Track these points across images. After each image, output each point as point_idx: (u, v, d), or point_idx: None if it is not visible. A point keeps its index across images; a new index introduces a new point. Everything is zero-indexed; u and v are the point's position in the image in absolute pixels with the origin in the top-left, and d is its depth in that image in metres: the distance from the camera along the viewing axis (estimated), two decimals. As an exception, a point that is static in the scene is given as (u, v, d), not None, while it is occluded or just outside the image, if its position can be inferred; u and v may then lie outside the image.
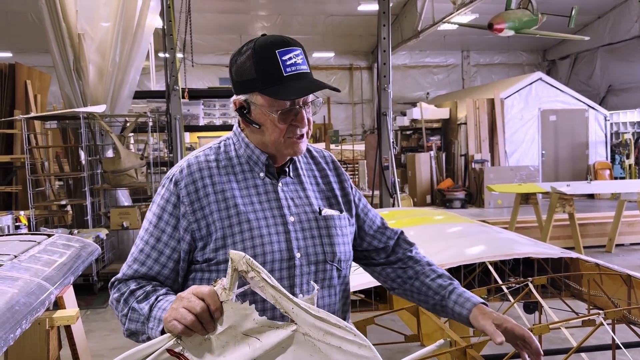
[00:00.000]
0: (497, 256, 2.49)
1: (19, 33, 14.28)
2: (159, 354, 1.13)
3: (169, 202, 1.40)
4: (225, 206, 1.38)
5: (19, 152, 7.46)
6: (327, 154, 1.60)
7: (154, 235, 1.39)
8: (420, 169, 13.02)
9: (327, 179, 1.53)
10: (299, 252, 1.38)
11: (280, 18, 16.13)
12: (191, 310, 1.11)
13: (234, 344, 1.14)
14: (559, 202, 6.60)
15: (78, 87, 6.81)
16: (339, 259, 1.44)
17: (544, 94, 13.29)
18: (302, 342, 1.13)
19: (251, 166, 1.44)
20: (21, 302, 2.34)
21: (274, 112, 1.36)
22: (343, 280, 1.47)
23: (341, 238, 1.46)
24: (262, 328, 1.13)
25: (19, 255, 3.03)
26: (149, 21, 7.20)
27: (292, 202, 1.43)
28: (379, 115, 7.32)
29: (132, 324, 1.32)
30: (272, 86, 1.34)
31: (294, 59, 1.35)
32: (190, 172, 1.41)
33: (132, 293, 1.35)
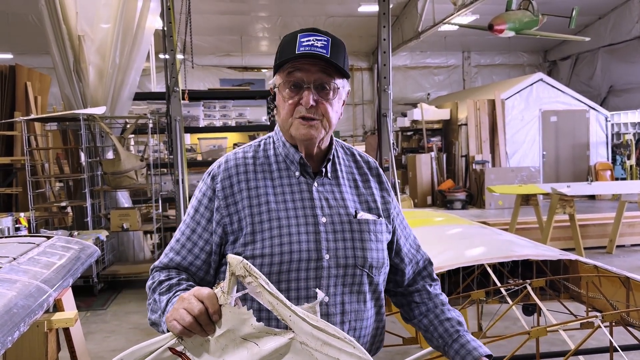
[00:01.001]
0: (495, 258, 2.48)
1: (20, 34, 14.30)
2: (161, 351, 1.16)
3: (205, 196, 1.44)
4: (258, 202, 1.39)
5: (19, 153, 7.46)
6: (371, 160, 1.58)
7: (190, 226, 1.44)
8: (421, 170, 13.01)
9: (368, 184, 1.51)
10: (328, 254, 1.37)
11: (281, 19, 16.14)
12: (190, 312, 1.13)
13: (233, 347, 1.15)
14: (559, 203, 6.59)
15: (78, 88, 6.82)
16: (370, 265, 1.41)
17: (544, 95, 13.28)
18: (299, 350, 1.12)
19: (287, 165, 1.45)
20: (19, 305, 2.34)
21: (283, 88, 1.39)
22: (375, 288, 1.44)
23: (375, 244, 1.43)
24: (260, 334, 1.14)
25: (17, 257, 3.02)
26: (149, 23, 7.20)
27: (325, 202, 1.42)
28: (379, 117, 7.30)
29: (153, 315, 1.36)
30: (284, 64, 1.38)
31: (312, 41, 1.36)
32: (227, 167, 1.44)
33: (160, 284, 1.38)
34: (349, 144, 1.62)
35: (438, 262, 2.49)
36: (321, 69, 1.37)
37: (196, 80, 16.55)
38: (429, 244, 3.02)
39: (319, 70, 1.37)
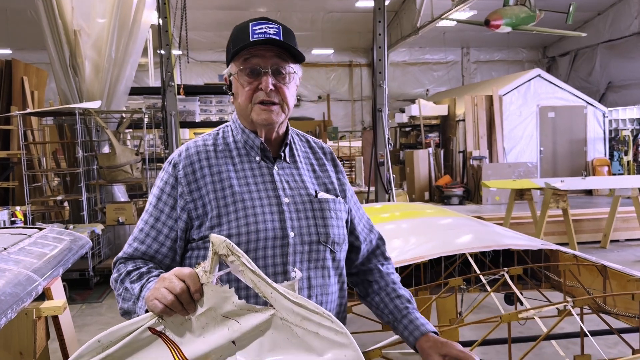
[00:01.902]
0: (476, 248, 2.52)
1: (18, 30, 14.33)
2: (141, 331, 1.18)
3: (167, 184, 1.47)
4: (221, 187, 1.43)
5: (16, 148, 7.50)
6: (326, 147, 1.65)
7: (153, 215, 1.46)
8: (419, 165, 13.04)
9: (324, 167, 1.58)
10: (293, 232, 1.42)
11: (280, 15, 16.14)
12: (171, 291, 1.15)
13: (213, 326, 1.17)
14: (552, 197, 6.62)
15: (74, 83, 6.85)
16: (332, 241, 1.48)
17: (542, 91, 13.29)
18: (280, 326, 1.15)
19: (247, 150, 1.50)
20: (7, 292, 2.37)
21: (241, 74, 1.42)
22: (338, 264, 1.51)
23: (335, 221, 1.50)
24: (242, 311, 1.17)
25: (8, 247, 3.06)
26: (145, 17, 7.22)
27: (287, 184, 1.48)
28: (375, 112, 7.33)
29: (125, 303, 1.38)
30: (239, 51, 1.41)
31: (265, 29, 1.41)
32: (188, 155, 1.48)
33: (128, 274, 1.40)
34: (303, 132, 1.67)
35: (421, 252, 2.53)
36: (276, 54, 1.42)
37: (194, 76, 16.58)
38: (417, 234, 3.06)
39: (275, 55, 1.42)
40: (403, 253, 2.58)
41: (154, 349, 1.19)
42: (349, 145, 12.85)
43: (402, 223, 3.66)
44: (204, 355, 1.17)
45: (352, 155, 12.34)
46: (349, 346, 1.13)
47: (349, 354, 1.12)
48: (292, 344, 1.15)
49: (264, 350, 1.16)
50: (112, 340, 1.18)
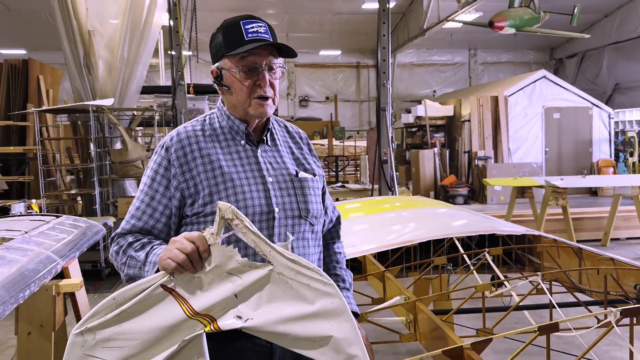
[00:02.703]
0: (463, 232, 2.69)
1: (33, 31, 14.65)
2: (153, 288, 1.35)
3: (161, 166, 1.61)
4: (211, 167, 1.58)
5: (32, 143, 7.76)
6: (302, 132, 1.83)
7: (149, 194, 1.60)
8: (424, 165, 13.18)
9: (301, 150, 1.75)
10: (277, 207, 1.58)
11: (288, 17, 16.38)
12: (183, 251, 1.33)
13: (219, 281, 1.35)
14: (552, 195, 6.77)
15: (88, 81, 7.09)
16: (312, 215, 1.65)
17: (548, 92, 13.39)
18: (277, 280, 1.34)
19: (233, 135, 1.65)
20: (30, 269, 2.59)
21: (239, 71, 1.58)
22: (316, 235, 1.68)
23: (314, 197, 1.67)
24: (244, 268, 1.35)
25: (29, 231, 3.29)
26: (156, 18, 7.46)
27: (270, 165, 1.64)
28: (379, 111, 7.52)
29: (131, 270, 1.54)
30: (236, 48, 1.57)
31: (256, 28, 1.58)
32: (179, 139, 1.62)
33: (130, 245, 1.57)
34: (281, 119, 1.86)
35: (412, 237, 2.72)
36: (270, 52, 1.59)
37: (204, 76, 16.82)
38: (410, 221, 3.25)
39: (269, 53, 1.59)
40: (399, 237, 2.77)
41: (165, 304, 1.35)
42: (354, 145, 13.03)
43: (403, 212, 3.86)
44: (210, 307, 1.34)
45: (357, 154, 12.52)
46: (335, 295, 1.32)
47: (335, 301, 1.32)
48: (288, 295, 1.33)
49: (263, 301, 1.34)
50: (126, 298, 1.34)
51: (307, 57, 18.90)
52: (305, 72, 19.12)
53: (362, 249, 2.67)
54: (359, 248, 2.69)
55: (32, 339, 2.72)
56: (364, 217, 3.86)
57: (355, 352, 1.31)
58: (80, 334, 1.33)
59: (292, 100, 19.20)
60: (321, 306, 1.31)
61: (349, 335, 1.32)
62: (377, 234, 2.98)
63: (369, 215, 3.84)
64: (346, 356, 1.31)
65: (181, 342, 1.32)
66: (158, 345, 1.32)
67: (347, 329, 1.32)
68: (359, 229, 3.41)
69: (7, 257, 2.63)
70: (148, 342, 1.32)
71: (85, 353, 1.32)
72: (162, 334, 1.32)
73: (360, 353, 1.32)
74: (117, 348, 1.32)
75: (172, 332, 1.33)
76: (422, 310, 1.86)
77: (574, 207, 8.85)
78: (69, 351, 1.33)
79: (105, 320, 1.32)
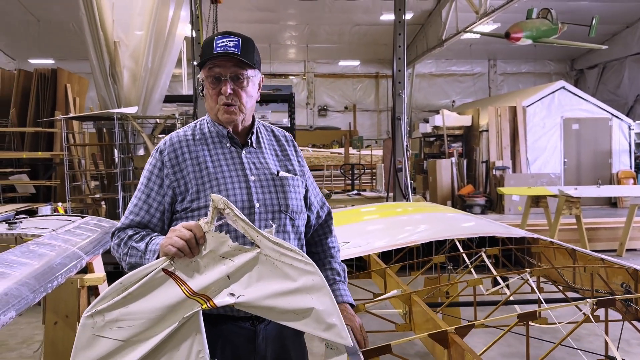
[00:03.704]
0: (465, 234, 2.82)
1: (61, 42, 15.13)
2: (156, 272, 1.53)
3: (155, 167, 1.81)
4: (199, 168, 1.78)
5: (59, 149, 8.08)
6: (288, 135, 2.01)
7: (145, 192, 1.80)
8: (441, 174, 13.24)
9: (285, 152, 1.93)
10: (258, 203, 1.77)
11: (308, 28, 16.64)
12: (182, 237, 1.52)
13: (213, 264, 1.54)
14: (565, 204, 6.81)
15: (113, 90, 7.37)
16: (291, 210, 1.82)
17: (566, 103, 13.36)
18: (264, 261, 1.53)
19: (220, 139, 1.85)
20: (57, 262, 2.80)
21: (208, 81, 1.78)
22: (297, 229, 1.85)
23: (294, 194, 1.84)
24: (235, 251, 1.54)
25: (56, 229, 3.51)
26: (180, 30, 7.73)
27: (253, 165, 1.83)
28: (394, 120, 7.66)
29: (132, 259, 1.72)
30: (205, 61, 1.77)
31: (226, 42, 1.76)
32: (172, 143, 1.82)
33: (130, 237, 1.76)
34: (268, 124, 2.03)
35: (416, 238, 2.86)
36: (235, 64, 1.77)
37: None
38: (418, 224, 3.40)
39: (234, 65, 1.76)
40: (410, 236, 2.92)
41: (166, 286, 1.53)
42: (370, 154, 13.15)
43: (416, 215, 4.00)
44: (206, 287, 1.52)
45: (373, 163, 12.64)
46: (315, 273, 1.52)
47: (315, 278, 1.51)
48: (274, 274, 1.52)
49: (253, 280, 1.52)
50: (131, 282, 1.51)
51: (326, 67, 19.15)
52: (325, 82, 19.35)
53: (369, 248, 2.81)
54: (365, 248, 2.83)
55: (58, 328, 2.92)
56: (378, 219, 4.03)
57: (334, 322, 1.49)
58: (91, 316, 1.49)
59: (311, 109, 19.43)
60: (303, 283, 1.50)
61: (328, 307, 1.49)
62: (390, 234, 3.14)
63: (383, 218, 4.01)
64: (326, 325, 1.49)
65: (181, 320, 1.49)
66: (161, 323, 1.49)
67: (326, 302, 1.50)
68: (373, 229, 3.59)
69: (37, 251, 2.85)
70: (152, 320, 1.49)
71: (95, 334, 1.48)
72: (164, 313, 1.49)
73: (339, 322, 1.49)
74: (124, 328, 1.49)
75: (173, 311, 1.50)
76: (416, 302, 2.00)
77: (591, 217, 8.85)
78: (81, 332, 1.50)
79: (113, 302, 1.49)
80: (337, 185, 13.45)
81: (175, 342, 1.50)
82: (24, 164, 8.50)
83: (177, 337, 1.50)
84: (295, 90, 18.25)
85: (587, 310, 1.60)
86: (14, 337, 4.98)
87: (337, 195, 10.37)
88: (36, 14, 14.31)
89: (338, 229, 3.70)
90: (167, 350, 1.50)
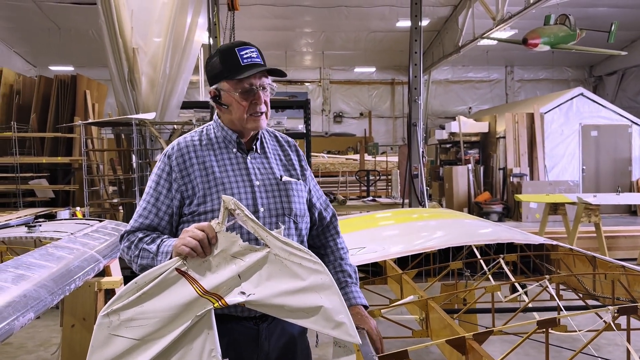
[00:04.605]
0: (482, 240, 2.79)
1: (81, 48, 15.37)
2: (169, 272, 1.55)
3: (164, 171, 1.84)
4: (206, 173, 1.81)
5: (77, 154, 8.19)
6: (291, 140, 2.04)
7: (154, 196, 1.83)
8: (458, 181, 13.15)
9: (289, 157, 1.97)
10: (263, 207, 1.80)
11: (324, 35, 16.69)
12: (194, 238, 1.55)
13: (224, 264, 1.56)
14: (584, 212, 6.73)
15: (131, 96, 7.45)
16: (295, 214, 1.85)
17: (585, 109, 13.21)
18: (274, 260, 1.55)
19: (226, 144, 1.88)
20: (75, 265, 2.83)
21: (237, 93, 1.80)
22: (300, 232, 1.88)
23: (297, 198, 1.88)
24: (245, 251, 1.56)
25: (75, 233, 3.55)
26: (197, 37, 7.79)
27: (258, 171, 1.86)
28: (410, 126, 7.64)
29: (144, 260, 1.75)
30: (233, 73, 1.79)
31: (249, 54, 1.81)
32: (179, 148, 1.86)
33: (140, 240, 1.78)
34: (272, 129, 2.06)
35: (433, 244, 2.84)
36: (263, 74, 1.82)
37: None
38: (441, 230, 3.38)
39: (261, 75, 1.82)
40: (426, 242, 2.91)
41: (179, 285, 1.55)
42: (385, 160, 13.12)
43: (431, 221, 3.99)
44: (217, 286, 1.54)
45: (388, 169, 12.60)
46: (323, 272, 1.54)
47: (323, 277, 1.54)
48: (283, 273, 1.54)
49: (262, 279, 1.54)
50: (146, 281, 1.53)
51: (342, 74, 19.18)
52: (340, 88, 19.38)
53: (384, 254, 2.80)
54: (381, 253, 2.82)
55: (76, 331, 2.94)
56: (394, 225, 4.02)
57: (342, 320, 1.50)
58: (107, 315, 1.51)
59: (326, 116, 19.47)
60: (312, 281, 1.52)
61: (337, 305, 1.51)
62: (406, 239, 3.13)
63: (398, 224, 4.00)
64: (335, 323, 1.50)
65: (194, 318, 1.52)
66: (174, 322, 1.51)
67: (335, 300, 1.52)
68: (389, 234, 3.58)
69: (55, 254, 2.88)
70: (165, 319, 1.51)
71: (110, 333, 1.50)
72: (178, 312, 1.52)
73: (347, 320, 1.51)
74: (139, 326, 1.51)
75: (186, 309, 1.52)
76: (433, 308, 1.99)
77: (611, 225, 8.72)
78: (97, 332, 1.52)
79: (128, 302, 1.51)
80: (352, 192, 13.44)
81: (188, 340, 1.52)
82: (43, 168, 8.64)
83: (190, 336, 1.53)
84: (311, 96, 18.30)
85: (608, 318, 1.57)
86: (32, 339, 5.03)
87: (352, 202, 10.36)
88: (57, 21, 14.56)
89: (354, 234, 3.70)
90: (180, 348, 1.52)
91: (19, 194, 7.98)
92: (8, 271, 2.38)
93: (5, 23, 14.54)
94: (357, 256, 2.74)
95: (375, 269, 3.14)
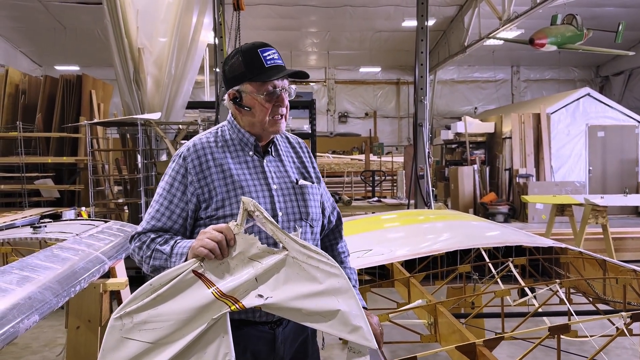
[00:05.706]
0: (490, 243, 2.76)
1: (87, 48, 15.39)
2: (185, 274, 1.53)
3: (178, 173, 1.78)
4: (224, 176, 1.77)
5: (83, 154, 8.19)
6: (301, 141, 2.01)
7: (167, 198, 1.78)
8: (463, 182, 13.10)
9: (301, 159, 1.95)
10: (281, 212, 1.78)
11: (329, 34, 16.67)
12: (213, 239, 1.53)
13: (242, 266, 1.54)
14: (591, 213, 6.68)
15: (137, 96, 7.45)
16: (311, 218, 1.84)
17: (591, 110, 13.14)
18: (292, 263, 1.54)
19: (242, 146, 1.84)
20: (80, 266, 2.82)
21: (261, 95, 1.77)
22: (315, 236, 1.87)
23: (313, 202, 1.86)
24: (263, 253, 1.54)
25: (80, 234, 3.54)
26: (202, 37, 7.79)
27: (274, 174, 1.83)
28: (416, 127, 7.60)
29: (157, 261, 1.71)
30: (258, 75, 1.76)
31: (272, 55, 1.78)
32: (195, 149, 1.80)
33: (153, 240, 1.74)
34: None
35: (440, 246, 2.80)
36: (284, 76, 1.80)
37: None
38: (448, 232, 3.35)
39: (285, 78, 1.81)
40: (432, 244, 2.88)
41: (195, 287, 1.52)
42: (391, 160, 13.08)
43: (438, 223, 3.95)
44: (234, 289, 1.52)
45: (394, 169, 12.56)
46: (340, 276, 1.53)
47: (341, 281, 1.53)
48: (301, 276, 1.53)
49: (280, 282, 1.52)
50: (161, 283, 1.51)
51: (347, 74, 19.15)
52: (345, 88, 19.35)
53: (391, 257, 2.77)
54: (387, 256, 2.79)
55: (81, 333, 2.93)
56: (399, 227, 3.98)
57: (359, 324, 1.49)
58: (120, 318, 1.49)
59: (331, 116, 19.44)
60: (329, 285, 1.51)
61: (354, 309, 1.50)
62: (412, 242, 3.10)
63: (404, 226, 3.96)
64: (352, 327, 1.49)
65: (210, 321, 1.49)
66: (189, 325, 1.49)
67: (352, 304, 1.51)
68: (395, 237, 3.54)
69: (60, 255, 2.86)
70: (180, 322, 1.49)
71: (123, 336, 1.48)
72: (193, 315, 1.49)
73: (364, 325, 1.50)
74: (152, 330, 1.48)
75: (202, 312, 1.50)
76: (442, 313, 1.96)
77: (618, 227, 8.66)
78: (108, 335, 1.49)
79: (142, 304, 1.49)
80: (357, 192, 13.40)
81: (202, 344, 1.50)
82: (48, 168, 8.65)
83: (205, 339, 1.50)
84: (316, 96, 18.27)
85: (620, 323, 1.54)
86: (37, 340, 5.03)
87: (358, 202, 10.33)
88: (63, 21, 14.59)
89: (358, 236, 3.67)
90: (194, 352, 1.50)
91: (25, 194, 8.00)
92: (13, 273, 2.37)
93: (11, 23, 14.58)
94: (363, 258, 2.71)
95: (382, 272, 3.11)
